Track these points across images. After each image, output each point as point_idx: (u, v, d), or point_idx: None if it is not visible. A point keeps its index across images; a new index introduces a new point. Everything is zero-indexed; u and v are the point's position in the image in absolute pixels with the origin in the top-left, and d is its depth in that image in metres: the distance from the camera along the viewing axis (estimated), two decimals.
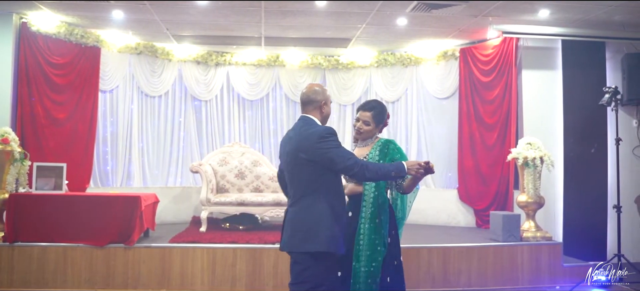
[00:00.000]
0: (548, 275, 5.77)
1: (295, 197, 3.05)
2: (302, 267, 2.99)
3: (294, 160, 3.03)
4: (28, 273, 5.22)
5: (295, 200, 3.04)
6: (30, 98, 6.61)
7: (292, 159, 3.04)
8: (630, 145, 6.92)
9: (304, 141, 2.99)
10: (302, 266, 2.99)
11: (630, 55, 6.79)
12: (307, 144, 2.96)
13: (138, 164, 7.88)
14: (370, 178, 3.04)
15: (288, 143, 3.11)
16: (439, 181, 8.13)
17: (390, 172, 3.05)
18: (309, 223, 2.96)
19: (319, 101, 3.12)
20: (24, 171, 5.75)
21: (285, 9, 6.30)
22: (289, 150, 3.08)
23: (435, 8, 6.18)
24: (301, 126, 3.09)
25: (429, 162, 3.07)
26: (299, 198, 3.02)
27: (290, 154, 3.06)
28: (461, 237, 6.45)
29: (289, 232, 3.03)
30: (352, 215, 3.33)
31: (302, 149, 2.97)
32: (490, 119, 7.39)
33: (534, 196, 5.97)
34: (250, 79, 8.39)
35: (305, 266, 2.97)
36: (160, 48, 7.92)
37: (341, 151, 2.97)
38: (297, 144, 3.02)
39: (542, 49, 7.11)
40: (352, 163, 2.96)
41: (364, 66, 8.40)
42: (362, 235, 3.27)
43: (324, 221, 2.96)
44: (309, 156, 2.95)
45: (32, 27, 6.60)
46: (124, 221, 5.41)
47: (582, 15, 6.36)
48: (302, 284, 3.00)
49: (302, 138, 3.01)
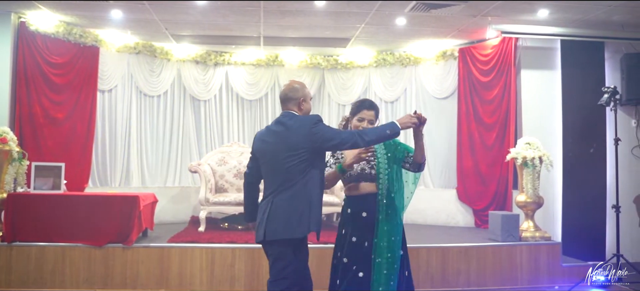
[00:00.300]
0: (547, 275, 5.76)
1: (274, 187, 3.15)
2: (284, 262, 3.11)
3: (284, 151, 3.11)
4: (26, 273, 5.21)
5: (282, 189, 3.12)
6: (29, 98, 6.60)
7: (282, 149, 3.12)
8: (629, 145, 6.92)
9: (299, 130, 3.11)
10: (285, 261, 3.11)
11: (629, 55, 6.79)
12: (303, 131, 3.09)
13: (137, 164, 7.87)
14: (369, 140, 3.10)
15: (273, 136, 3.21)
16: (438, 181, 8.13)
17: (386, 130, 3.11)
18: (301, 208, 3.09)
19: (297, 98, 3.25)
20: (22, 170, 5.74)
21: (284, 9, 6.29)
22: (274, 141, 3.18)
23: (434, 8, 6.17)
24: (288, 119, 3.19)
25: (416, 111, 3.21)
26: (286, 187, 3.10)
27: (276, 145, 3.16)
28: (460, 237, 6.44)
29: (280, 219, 3.10)
30: (366, 215, 3.32)
31: (298, 139, 3.09)
32: (489, 119, 7.39)
33: (532, 196, 5.97)
34: (249, 78, 8.38)
35: (288, 261, 3.11)
36: (159, 48, 7.91)
37: (334, 129, 3.19)
38: (289, 136, 3.13)
39: (541, 49, 7.11)
40: (347, 134, 3.14)
41: (363, 65, 8.40)
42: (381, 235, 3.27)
43: (314, 206, 3.12)
44: (307, 142, 3.08)
45: (30, 26, 6.59)
46: (122, 221, 5.40)
47: (581, 15, 6.36)
48: (283, 280, 3.12)
49: (294, 129, 3.13)
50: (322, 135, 3.09)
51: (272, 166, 3.19)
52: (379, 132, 3.12)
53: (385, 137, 3.13)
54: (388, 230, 3.26)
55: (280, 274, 3.12)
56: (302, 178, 3.09)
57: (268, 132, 3.28)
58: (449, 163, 7.99)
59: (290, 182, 3.09)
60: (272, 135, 3.23)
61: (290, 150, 3.09)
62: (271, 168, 3.21)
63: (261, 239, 3.18)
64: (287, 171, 3.10)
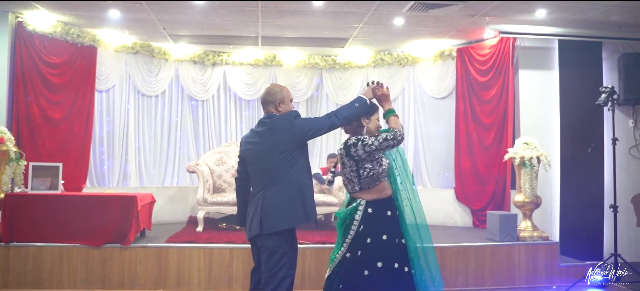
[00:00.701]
0: (545, 275, 5.77)
1: (265, 183, 3.27)
2: (280, 254, 3.25)
3: (271, 149, 3.27)
4: (24, 273, 5.20)
5: (264, 185, 3.27)
6: (26, 98, 6.59)
7: (269, 148, 3.28)
8: (626, 145, 6.93)
9: (281, 127, 3.29)
10: (281, 252, 3.25)
11: (627, 55, 6.80)
12: (286, 127, 3.29)
13: (134, 164, 7.87)
14: (344, 117, 3.36)
15: (258, 137, 3.37)
16: (436, 181, 8.14)
17: (354, 104, 3.40)
18: (294, 197, 3.29)
19: (275, 101, 3.43)
20: (19, 170, 5.74)
21: (282, 9, 6.29)
22: (260, 142, 3.33)
23: (432, 8, 6.18)
24: (269, 119, 3.35)
25: (374, 81, 3.55)
26: (277, 181, 3.25)
27: (263, 145, 3.32)
28: (458, 237, 6.45)
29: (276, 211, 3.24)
30: (391, 214, 3.41)
31: (283, 135, 3.27)
32: (487, 119, 7.40)
33: (530, 196, 5.98)
34: (247, 78, 8.38)
35: (284, 251, 3.26)
36: (157, 48, 7.90)
37: (311, 118, 3.42)
38: (273, 134, 3.29)
39: (539, 49, 7.12)
40: (323, 118, 3.39)
41: (361, 65, 8.40)
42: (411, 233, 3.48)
43: (306, 193, 3.33)
44: (290, 136, 3.27)
45: (28, 26, 6.58)
46: (120, 221, 5.39)
47: (578, 16, 6.37)
48: (281, 269, 3.25)
49: (277, 127, 3.30)
50: (302, 127, 3.31)
51: (261, 165, 3.33)
52: (349, 108, 3.39)
53: (356, 110, 3.39)
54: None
55: (277, 265, 3.24)
56: (290, 170, 3.27)
57: (253, 134, 3.46)
58: (447, 163, 8.00)
59: (279, 176, 3.26)
60: (257, 136, 3.40)
61: (277, 146, 3.26)
62: (260, 166, 3.34)
63: (257, 234, 3.27)
64: (275, 167, 3.26)
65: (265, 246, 3.28)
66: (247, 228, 3.40)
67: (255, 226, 3.27)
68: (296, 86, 8.38)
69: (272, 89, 3.49)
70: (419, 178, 8.20)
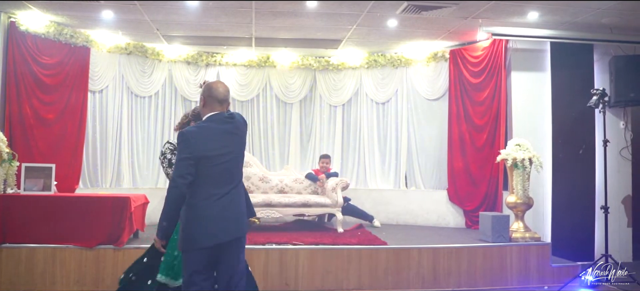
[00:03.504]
0: (537, 275, 5.81)
1: (234, 183, 3.19)
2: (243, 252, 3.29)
3: (241, 149, 3.26)
4: (16, 274, 5.18)
5: (234, 186, 3.18)
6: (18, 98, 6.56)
7: (240, 148, 3.24)
8: (617, 146, 6.99)
9: (243, 128, 3.28)
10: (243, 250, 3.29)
11: (618, 57, 6.87)
12: (245, 129, 3.30)
13: (128, 165, 7.85)
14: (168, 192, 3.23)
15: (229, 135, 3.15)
16: (429, 182, 8.17)
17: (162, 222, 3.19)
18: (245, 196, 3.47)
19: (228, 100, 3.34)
20: (12, 171, 5.70)
21: (276, 10, 6.30)
22: (236, 141, 3.21)
23: (426, 10, 6.20)
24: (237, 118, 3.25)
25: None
26: (236, 184, 3.21)
27: (236, 146, 3.21)
28: (451, 238, 6.48)
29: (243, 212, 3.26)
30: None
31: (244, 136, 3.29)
32: (480, 120, 7.44)
33: (522, 197, 6.02)
34: (241, 79, 8.38)
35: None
36: (151, 48, 7.89)
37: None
38: (241, 135, 3.26)
39: (531, 51, 7.17)
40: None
41: (354, 67, 8.42)
42: None
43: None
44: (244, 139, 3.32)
45: (20, 26, 6.55)
46: (113, 222, 5.38)
47: (570, 18, 6.42)
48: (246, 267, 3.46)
49: (242, 128, 3.26)
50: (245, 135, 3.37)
51: (230, 165, 3.13)
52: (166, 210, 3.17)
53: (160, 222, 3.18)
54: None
55: (243, 262, 3.30)
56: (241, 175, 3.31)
57: (220, 131, 3.14)
58: (440, 164, 8.03)
59: (237, 179, 3.23)
60: (227, 134, 3.14)
61: (243, 146, 3.29)
62: (227, 167, 3.12)
63: (241, 234, 3.20)
64: (238, 170, 3.24)
65: (240, 246, 3.21)
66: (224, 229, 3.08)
67: (235, 228, 3.11)
68: (290, 86, 8.40)
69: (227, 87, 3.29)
70: (412, 179, 8.22)
